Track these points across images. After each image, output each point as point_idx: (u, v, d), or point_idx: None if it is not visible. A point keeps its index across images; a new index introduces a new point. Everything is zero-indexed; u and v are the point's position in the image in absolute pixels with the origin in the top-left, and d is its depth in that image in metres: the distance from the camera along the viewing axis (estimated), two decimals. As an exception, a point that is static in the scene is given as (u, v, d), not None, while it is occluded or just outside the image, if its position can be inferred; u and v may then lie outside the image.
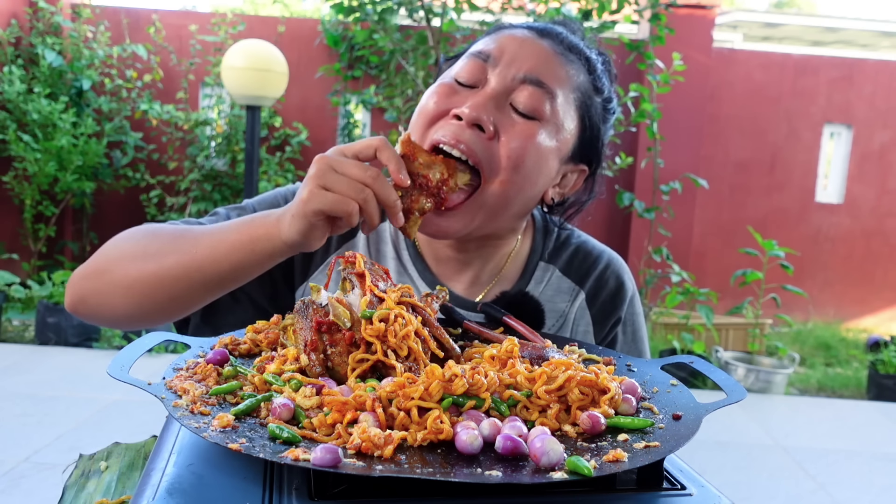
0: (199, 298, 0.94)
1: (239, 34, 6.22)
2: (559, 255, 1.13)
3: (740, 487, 3.38)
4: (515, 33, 1.00)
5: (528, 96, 0.95)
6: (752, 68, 6.90)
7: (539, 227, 1.15)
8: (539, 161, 0.96)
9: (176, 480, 0.59)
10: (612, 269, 1.14)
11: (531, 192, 1.00)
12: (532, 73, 0.96)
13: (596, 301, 1.12)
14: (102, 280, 0.95)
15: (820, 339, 6.49)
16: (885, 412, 4.76)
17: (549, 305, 1.10)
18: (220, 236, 0.90)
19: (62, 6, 6.39)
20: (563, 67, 0.99)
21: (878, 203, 7.14)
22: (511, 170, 0.94)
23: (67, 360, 4.70)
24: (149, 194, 6.33)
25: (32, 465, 3.13)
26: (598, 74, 1.05)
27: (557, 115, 0.97)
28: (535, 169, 0.97)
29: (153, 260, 0.92)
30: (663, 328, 5.71)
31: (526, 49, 0.97)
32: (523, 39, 0.99)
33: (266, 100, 4.36)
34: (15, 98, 5.73)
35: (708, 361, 0.81)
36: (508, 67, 0.96)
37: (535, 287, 1.10)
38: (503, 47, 0.98)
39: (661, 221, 6.19)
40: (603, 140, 1.07)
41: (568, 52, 1.01)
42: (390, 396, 0.65)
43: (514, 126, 0.94)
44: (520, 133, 0.94)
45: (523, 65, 0.96)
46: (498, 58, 0.97)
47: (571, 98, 0.99)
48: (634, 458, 0.60)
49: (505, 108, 0.95)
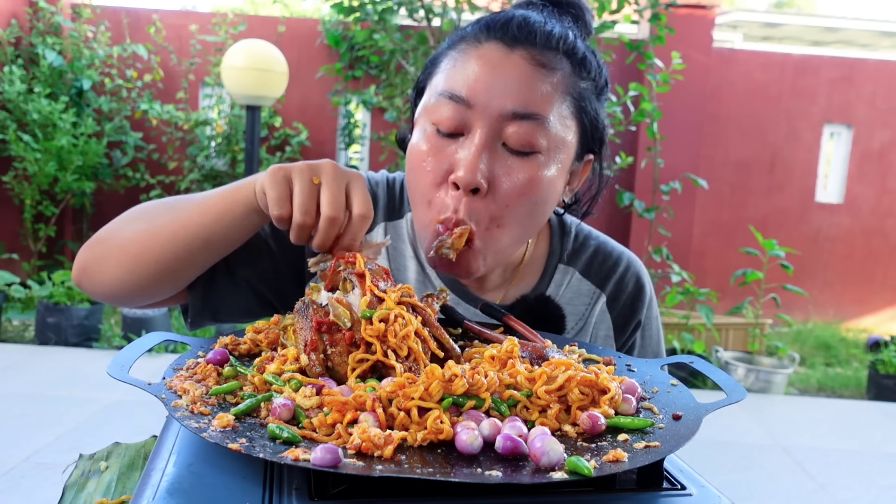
0: (187, 263, 0.93)
1: (239, 34, 6.22)
2: (578, 256, 1.10)
3: (740, 487, 3.38)
4: (484, 50, 0.89)
5: (518, 134, 0.87)
6: (752, 68, 6.91)
7: (556, 230, 1.11)
8: (545, 192, 0.91)
9: (176, 480, 0.59)
10: (631, 270, 1.11)
11: (542, 219, 0.96)
12: (518, 109, 0.86)
13: (616, 304, 1.10)
14: (101, 246, 0.96)
15: (820, 339, 6.49)
16: (885, 412, 4.76)
17: (570, 308, 1.07)
18: (207, 199, 0.92)
19: (62, 6, 6.40)
20: (546, 81, 0.88)
21: (878, 203, 7.14)
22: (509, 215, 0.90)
23: (67, 360, 4.70)
24: (149, 194, 6.33)
25: (32, 465, 3.13)
26: (581, 57, 0.93)
27: (555, 138, 0.89)
28: (542, 201, 0.91)
29: (144, 221, 0.94)
30: (663, 328, 5.71)
31: (501, 77, 0.87)
32: (496, 62, 0.88)
33: (266, 100, 4.36)
34: (15, 98, 5.74)
35: (708, 361, 0.81)
36: (489, 107, 0.86)
37: (554, 290, 1.08)
38: (476, 82, 0.87)
39: (661, 221, 6.19)
40: (603, 122, 0.99)
41: (546, 53, 0.89)
42: (390, 396, 0.65)
43: (509, 173, 0.88)
44: (516, 178, 0.88)
45: (505, 99, 0.86)
46: (473, 98, 0.87)
47: (564, 108, 0.90)
48: (634, 458, 0.60)
49: (498, 153, 0.88)
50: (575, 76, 0.92)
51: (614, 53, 6.03)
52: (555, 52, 0.90)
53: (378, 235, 1.08)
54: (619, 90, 5.64)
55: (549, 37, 0.90)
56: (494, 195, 0.88)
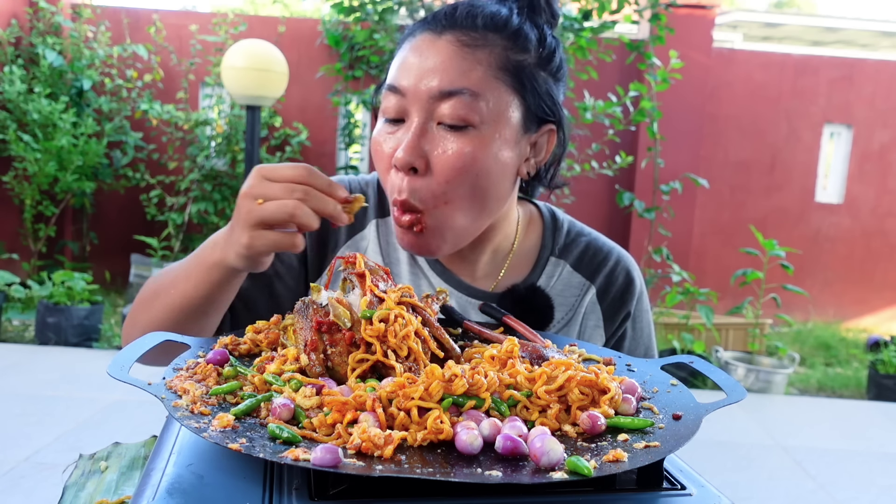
0: (197, 326, 0.98)
1: (239, 34, 6.22)
2: (570, 250, 1.14)
3: (740, 487, 3.38)
4: (416, 41, 0.96)
5: (451, 109, 0.91)
6: (752, 68, 6.91)
7: (548, 224, 1.15)
8: (485, 165, 0.94)
9: (176, 480, 0.60)
10: (622, 265, 1.15)
11: (493, 193, 0.98)
12: (444, 87, 0.91)
13: (606, 297, 1.13)
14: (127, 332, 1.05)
15: (820, 339, 6.49)
16: (885, 412, 4.76)
17: (559, 300, 1.11)
18: (184, 271, 0.96)
19: (62, 6, 6.40)
20: (471, 57, 0.92)
21: (878, 203, 7.14)
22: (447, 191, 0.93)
23: (67, 360, 4.70)
24: (149, 194, 6.33)
25: (32, 465, 3.13)
26: (515, 31, 0.96)
27: (490, 112, 0.93)
28: (484, 173, 0.94)
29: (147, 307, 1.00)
30: (663, 328, 5.71)
31: (428, 59, 0.92)
32: (424, 48, 0.94)
33: (266, 100, 4.36)
34: (15, 98, 5.74)
35: (708, 361, 0.81)
36: (419, 90, 0.92)
37: (545, 281, 1.12)
38: (408, 69, 0.93)
39: (661, 221, 6.19)
40: (555, 91, 1.01)
41: (472, 32, 0.94)
42: (390, 396, 0.65)
43: (443, 148, 0.92)
44: (449, 153, 0.92)
45: (432, 80, 0.91)
46: (406, 86, 0.93)
47: (497, 82, 0.93)
48: (634, 458, 0.60)
49: (433, 134, 0.93)
50: (508, 50, 0.95)
51: (614, 53, 6.03)
52: (483, 31, 0.94)
53: (370, 233, 1.12)
54: (619, 90, 5.65)
55: (474, 17, 0.95)
56: (433, 172, 0.93)
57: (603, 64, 5.86)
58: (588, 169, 5.79)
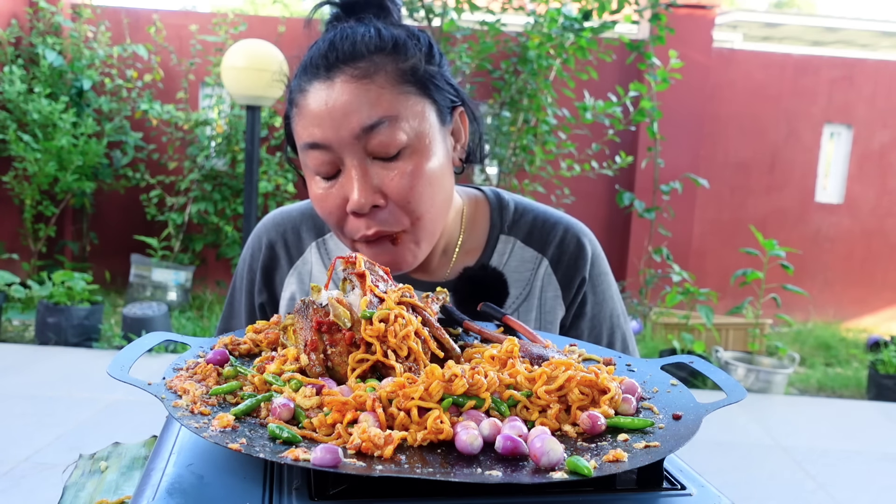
0: None
1: (239, 34, 6.22)
2: (519, 226, 1.16)
3: (740, 487, 3.38)
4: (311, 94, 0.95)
5: (378, 141, 0.93)
6: (752, 68, 6.91)
7: (494, 204, 1.17)
8: (432, 172, 0.97)
9: (176, 480, 0.60)
10: (571, 232, 1.16)
11: (447, 192, 1.02)
12: (364, 123, 0.92)
13: (560, 266, 1.14)
14: None
15: (820, 339, 6.49)
16: (885, 412, 4.76)
17: (514, 276, 1.13)
18: None
19: (62, 6, 6.40)
20: (373, 87, 0.93)
21: (878, 203, 7.14)
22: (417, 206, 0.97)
23: (67, 360, 4.70)
24: (149, 194, 6.33)
25: (32, 465, 3.13)
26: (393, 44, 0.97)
27: (412, 126, 0.95)
28: (435, 179, 0.98)
29: None
30: (663, 328, 5.72)
31: (335, 105, 0.93)
32: (324, 97, 0.94)
33: (266, 100, 4.36)
34: (15, 98, 5.74)
35: (708, 361, 0.81)
36: (341, 137, 0.93)
37: (497, 259, 1.13)
38: (320, 122, 0.94)
39: (661, 221, 6.19)
40: (448, 76, 1.02)
41: (359, 63, 0.94)
42: (390, 396, 0.65)
43: (391, 178, 0.94)
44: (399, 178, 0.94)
45: (349, 122, 0.92)
46: (326, 139, 0.94)
47: (403, 96, 0.95)
48: (634, 458, 0.60)
49: (373, 168, 0.95)
50: (398, 62, 0.96)
51: (614, 53, 6.03)
52: (367, 58, 0.95)
53: (311, 256, 1.17)
54: (619, 90, 5.64)
55: (354, 47, 0.95)
56: (392, 200, 0.96)
57: (603, 64, 5.86)
58: (588, 169, 5.79)
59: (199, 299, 6.34)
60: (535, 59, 5.40)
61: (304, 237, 1.17)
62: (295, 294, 1.17)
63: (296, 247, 1.17)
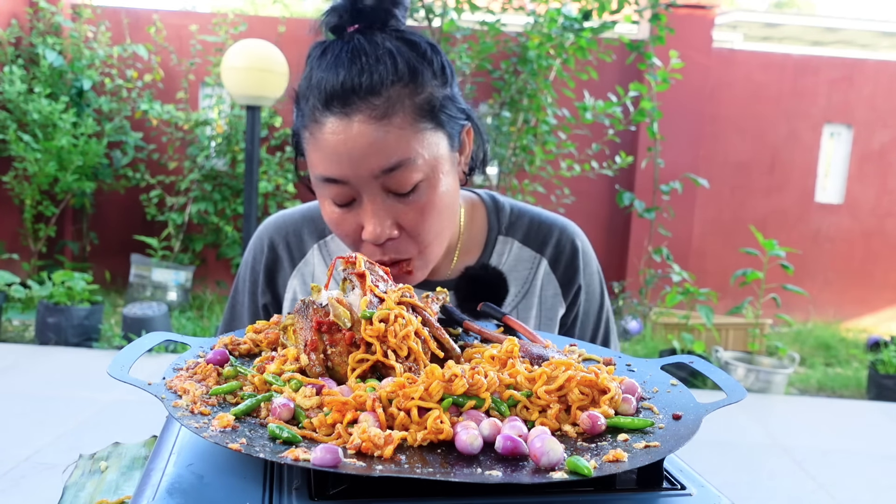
0: None
1: (239, 34, 6.22)
2: (516, 227, 1.20)
3: (740, 487, 3.38)
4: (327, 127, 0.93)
5: (396, 181, 0.94)
6: (752, 68, 6.91)
7: (491, 207, 1.20)
8: (444, 202, 1.00)
9: (176, 480, 0.60)
10: (566, 234, 1.20)
11: (455, 213, 1.06)
12: (383, 166, 0.93)
13: (559, 265, 1.19)
14: None
15: (820, 339, 6.49)
16: (885, 412, 4.76)
17: (513, 275, 1.16)
18: None
19: (63, 6, 6.40)
20: (392, 127, 0.93)
21: (878, 203, 7.14)
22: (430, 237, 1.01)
23: (67, 360, 4.70)
24: (149, 194, 6.33)
25: (32, 465, 3.13)
26: (412, 71, 0.95)
27: (427, 162, 0.96)
28: (446, 207, 1.01)
29: None
30: (663, 328, 5.72)
31: (353, 146, 0.92)
32: (341, 135, 0.93)
33: (266, 100, 4.36)
34: (15, 98, 5.74)
35: (708, 361, 0.81)
36: (360, 176, 0.94)
37: (497, 259, 1.17)
38: (337, 159, 0.93)
39: (661, 221, 6.19)
40: (457, 96, 1.02)
41: (377, 100, 0.92)
42: (390, 396, 0.65)
43: (407, 212, 0.97)
44: (414, 213, 0.97)
45: (369, 164, 0.93)
46: (343, 176, 0.94)
47: (420, 132, 0.95)
48: (634, 458, 0.60)
49: (389, 201, 0.96)
50: (415, 96, 0.95)
51: (614, 53, 6.03)
52: (384, 94, 0.93)
53: (314, 258, 1.19)
54: (619, 90, 5.64)
55: (371, 81, 0.93)
56: (406, 231, 0.99)
57: (603, 64, 5.86)
58: (588, 169, 5.79)
59: (199, 299, 6.34)
60: (535, 59, 5.40)
61: (305, 239, 1.20)
62: (297, 295, 1.18)
63: (298, 248, 1.19)
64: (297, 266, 1.19)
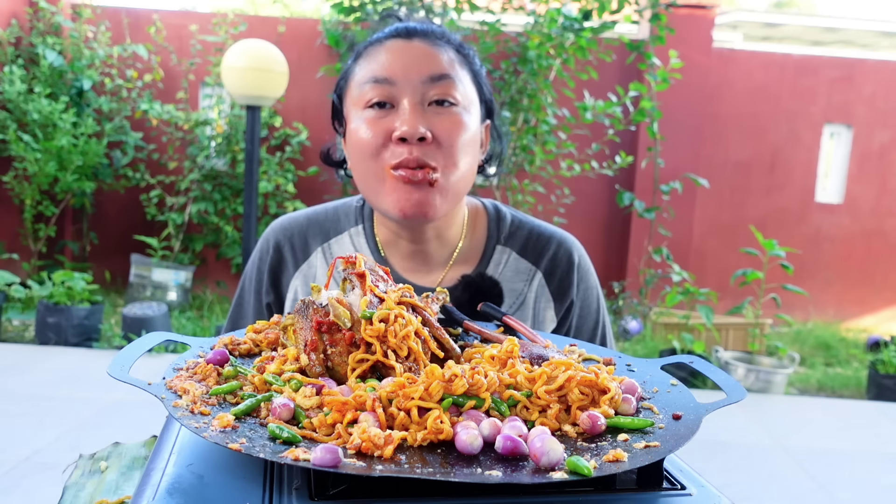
0: None
1: (239, 34, 6.22)
2: (514, 238, 1.22)
3: (740, 487, 3.38)
4: (386, 45, 1.10)
5: (440, 90, 1.06)
6: (752, 68, 6.90)
7: (492, 216, 1.24)
8: (471, 135, 1.09)
9: (176, 480, 0.60)
10: (563, 247, 1.22)
11: (474, 163, 1.12)
12: (434, 72, 1.07)
13: (553, 279, 1.21)
14: None
15: (820, 339, 6.48)
16: (885, 412, 4.76)
17: (508, 286, 1.19)
18: None
19: (63, 6, 6.39)
20: (443, 54, 1.09)
21: (878, 203, 7.14)
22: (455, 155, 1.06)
23: (67, 360, 4.70)
24: (149, 194, 6.33)
25: (32, 465, 3.13)
26: (458, 45, 1.14)
27: (465, 95, 1.09)
28: (471, 143, 1.09)
29: None
30: (663, 328, 5.72)
31: (410, 56, 1.08)
32: (400, 48, 1.09)
33: (266, 100, 4.36)
34: (15, 98, 5.74)
35: (708, 361, 0.81)
36: (409, 77, 1.06)
37: (493, 269, 1.19)
38: (391, 63, 1.07)
39: (661, 221, 6.19)
40: (491, 97, 1.19)
41: (434, 39, 1.11)
42: (390, 396, 0.65)
43: (442, 121, 1.06)
44: (449, 123, 1.06)
45: (419, 70, 1.06)
46: (394, 76, 1.06)
47: (464, 74, 1.11)
48: (634, 458, 0.60)
49: (426, 111, 1.06)
50: (462, 56, 1.13)
51: (614, 53, 6.03)
52: (441, 40, 1.12)
53: (317, 260, 1.22)
54: (619, 90, 5.64)
55: (432, 30, 1.13)
56: (439, 140, 1.05)
57: (603, 64, 5.86)
58: (588, 169, 5.79)
59: (199, 299, 6.34)
60: (535, 59, 5.40)
61: (310, 242, 1.23)
62: (299, 296, 1.21)
63: (302, 250, 1.22)
64: (300, 268, 1.22)
